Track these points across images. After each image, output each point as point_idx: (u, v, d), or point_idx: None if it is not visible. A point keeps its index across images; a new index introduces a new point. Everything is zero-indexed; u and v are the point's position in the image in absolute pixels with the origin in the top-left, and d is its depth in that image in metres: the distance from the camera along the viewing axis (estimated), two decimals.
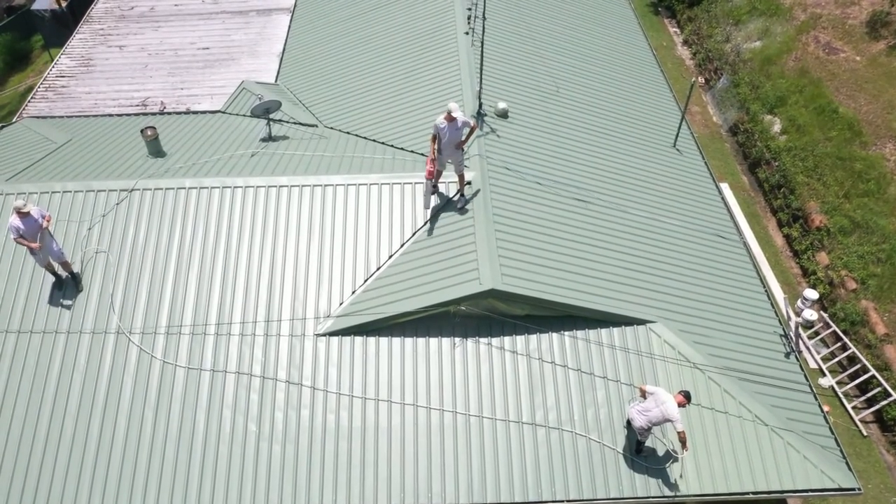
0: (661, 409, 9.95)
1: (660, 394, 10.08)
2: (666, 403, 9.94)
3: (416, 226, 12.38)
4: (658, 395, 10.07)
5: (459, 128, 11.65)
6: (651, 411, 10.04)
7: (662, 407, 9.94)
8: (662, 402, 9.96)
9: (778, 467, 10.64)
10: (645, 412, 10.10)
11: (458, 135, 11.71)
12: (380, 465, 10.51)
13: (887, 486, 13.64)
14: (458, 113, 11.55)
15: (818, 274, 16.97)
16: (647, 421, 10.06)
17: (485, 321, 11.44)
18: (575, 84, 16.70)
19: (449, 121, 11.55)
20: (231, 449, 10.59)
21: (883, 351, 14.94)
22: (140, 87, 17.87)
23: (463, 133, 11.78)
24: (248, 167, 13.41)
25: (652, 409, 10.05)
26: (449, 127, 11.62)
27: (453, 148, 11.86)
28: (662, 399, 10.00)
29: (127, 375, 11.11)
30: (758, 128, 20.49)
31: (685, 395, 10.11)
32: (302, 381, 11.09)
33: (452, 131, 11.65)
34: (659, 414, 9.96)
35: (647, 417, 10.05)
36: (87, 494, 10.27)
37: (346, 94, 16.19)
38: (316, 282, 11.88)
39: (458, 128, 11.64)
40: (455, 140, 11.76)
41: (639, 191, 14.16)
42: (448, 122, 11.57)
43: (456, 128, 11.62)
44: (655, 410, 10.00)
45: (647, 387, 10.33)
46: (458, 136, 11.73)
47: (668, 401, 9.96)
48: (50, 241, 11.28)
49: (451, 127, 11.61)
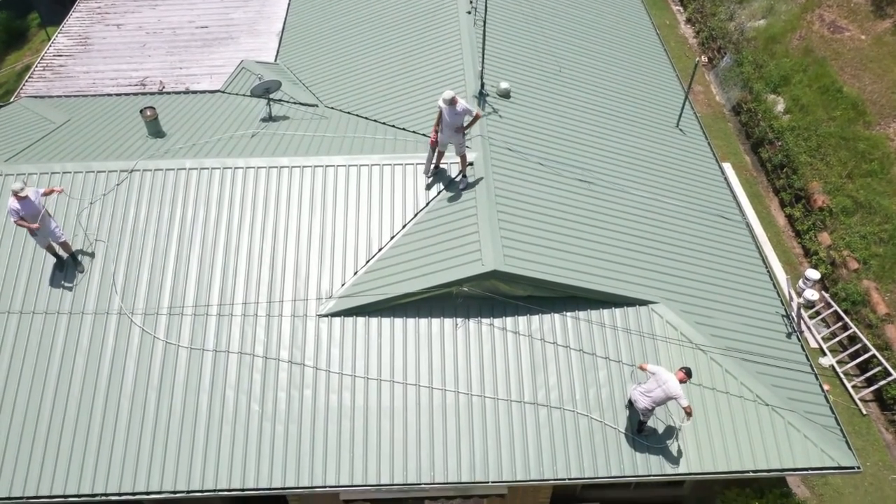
0: (663, 388, 10.00)
1: (661, 373, 10.12)
2: (668, 383, 9.99)
3: (418, 207, 12.35)
4: (659, 376, 10.11)
5: (459, 112, 11.61)
6: (653, 392, 10.09)
7: (665, 387, 9.99)
8: (664, 382, 10.01)
9: (778, 446, 10.69)
10: (648, 393, 10.14)
11: (458, 119, 11.68)
12: (382, 445, 10.56)
13: (885, 463, 13.74)
14: (460, 100, 11.53)
15: (820, 254, 16.97)
16: (650, 402, 10.11)
17: (487, 302, 11.44)
18: (578, 64, 16.56)
19: (449, 104, 11.51)
20: (234, 429, 10.64)
21: (884, 330, 14.97)
22: (138, 67, 17.71)
23: (463, 119, 11.72)
24: (249, 148, 13.33)
25: (654, 389, 10.09)
26: (449, 110, 11.59)
27: (452, 131, 11.82)
28: (664, 379, 10.04)
29: (129, 356, 11.13)
30: (761, 107, 20.37)
31: (686, 371, 10.19)
32: (304, 362, 11.12)
33: (452, 115, 11.63)
34: (662, 394, 10.01)
35: (651, 398, 10.09)
36: (92, 474, 10.33)
37: (346, 74, 16.06)
38: (318, 263, 11.87)
39: (458, 112, 11.61)
40: (454, 124, 11.72)
41: (641, 171, 14.10)
42: (448, 105, 11.54)
43: (455, 112, 11.60)
44: (658, 391, 10.05)
45: (649, 366, 10.37)
46: (457, 121, 11.69)
47: (669, 380, 10.01)
48: (49, 222, 11.25)
49: (451, 111, 11.59)
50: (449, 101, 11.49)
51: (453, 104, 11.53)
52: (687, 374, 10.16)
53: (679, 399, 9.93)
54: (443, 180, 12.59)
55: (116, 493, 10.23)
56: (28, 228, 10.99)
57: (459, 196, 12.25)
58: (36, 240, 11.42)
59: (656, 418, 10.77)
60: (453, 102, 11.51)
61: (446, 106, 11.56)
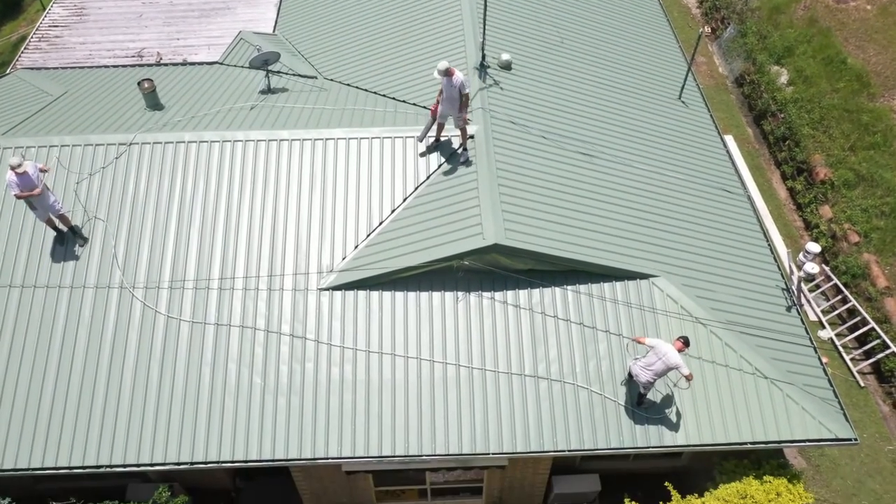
0: (663, 360, 10.07)
1: (660, 346, 10.18)
2: (668, 354, 10.06)
3: (419, 180, 12.30)
4: (658, 348, 10.16)
5: (454, 85, 11.54)
6: (654, 365, 10.15)
7: (665, 358, 10.06)
8: (664, 354, 10.07)
9: (777, 418, 10.78)
10: (649, 367, 10.20)
11: (453, 92, 11.60)
12: (383, 417, 10.64)
13: (882, 435, 13.88)
14: (457, 73, 11.47)
15: (821, 227, 16.95)
16: (652, 375, 10.17)
17: (488, 276, 11.45)
18: (580, 35, 16.37)
19: (444, 75, 11.45)
20: (236, 401, 10.71)
21: (883, 304, 15.02)
22: (135, 38, 17.50)
23: (458, 92, 11.61)
24: (248, 120, 13.23)
25: (655, 362, 10.15)
26: (445, 82, 11.56)
27: (450, 103, 11.76)
28: (664, 351, 10.10)
29: (132, 329, 11.17)
30: (764, 79, 20.19)
31: (683, 340, 10.29)
32: (306, 335, 11.16)
33: (448, 87, 11.59)
34: (662, 366, 10.08)
35: (652, 371, 10.15)
36: (96, 446, 10.43)
37: (345, 45, 15.88)
38: (318, 236, 11.85)
39: (453, 85, 11.54)
40: (451, 96, 11.66)
41: (643, 144, 14.01)
42: (444, 77, 11.49)
43: (451, 84, 11.54)
44: (658, 363, 10.11)
45: (647, 340, 10.42)
46: (453, 94, 11.62)
47: (669, 351, 10.08)
48: (47, 194, 11.21)
49: (448, 83, 11.55)
50: (444, 72, 11.43)
51: (449, 75, 11.47)
52: (685, 343, 10.26)
53: (680, 368, 10.02)
54: (443, 153, 12.52)
55: (121, 465, 10.34)
56: (29, 198, 10.94)
57: (460, 169, 12.19)
58: (36, 213, 11.40)
59: (656, 390, 10.84)
60: (448, 73, 11.45)
61: (443, 77, 11.51)
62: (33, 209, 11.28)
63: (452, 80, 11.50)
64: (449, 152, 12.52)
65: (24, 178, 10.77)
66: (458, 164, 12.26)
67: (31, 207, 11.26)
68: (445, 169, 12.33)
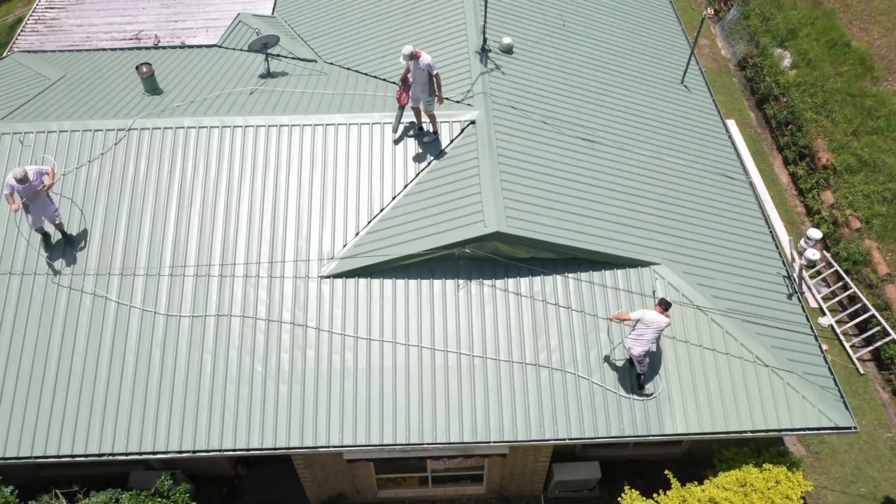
0: (653, 328, 10.31)
1: (645, 315, 10.40)
2: (655, 320, 10.32)
3: (420, 166, 12.22)
4: (644, 317, 10.39)
5: (422, 68, 11.46)
6: (645, 334, 10.34)
7: (654, 325, 10.31)
8: (652, 322, 10.33)
9: (777, 407, 10.81)
10: (640, 337, 10.36)
11: (422, 75, 11.53)
12: (385, 405, 10.66)
13: (881, 422, 13.93)
14: (424, 55, 11.39)
15: (822, 213, 16.89)
16: (645, 343, 10.33)
17: (489, 263, 11.42)
18: (581, 17, 16.19)
19: (410, 58, 11.38)
20: (238, 389, 10.72)
21: (884, 291, 15.01)
22: (133, 20, 17.31)
23: (427, 74, 11.52)
24: (248, 105, 13.12)
25: (644, 332, 10.34)
26: (413, 66, 11.51)
27: (420, 87, 11.71)
28: (650, 319, 10.34)
29: (132, 317, 11.14)
30: (767, 62, 20.02)
31: (662, 303, 10.48)
32: (307, 323, 11.14)
33: (416, 70, 11.54)
34: (653, 332, 10.31)
35: (645, 340, 10.33)
36: (98, 434, 10.45)
37: (345, 28, 15.70)
38: (319, 223, 11.80)
39: (421, 68, 11.47)
40: (421, 80, 11.59)
41: (645, 129, 13.92)
42: (412, 61, 11.43)
43: (419, 67, 11.48)
44: (648, 332, 10.32)
45: (631, 314, 10.57)
46: (421, 77, 11.55)
47: (655, 317, 10.34)
48: (46, 203, 11.00)
49: (415, 66, 11.50)
50: (410, 56, 11.35)
51: (415, 58, 11.39)
52: (665, 307, 10.45)
53: (670, 327, 10.48)
54: (443, 140, 12.42)
55: (123, 453, 10.37)
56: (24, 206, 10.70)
57: (461, 156, 12.11)
58: (29, 219, 11.09)
59: (658, 379, 10.86)
60: (415, 56, 11.38)
61: (409, 61, 11.45)
62: (27, 213, 11.00)
63: (419, 62, 11.43)
64: (449, 138, 12.42)
65: (27, 186, 10.58)
66: (459, 150, 12.17)
67: (26, 211, 10.98)
68: (446, 155, 12.24)
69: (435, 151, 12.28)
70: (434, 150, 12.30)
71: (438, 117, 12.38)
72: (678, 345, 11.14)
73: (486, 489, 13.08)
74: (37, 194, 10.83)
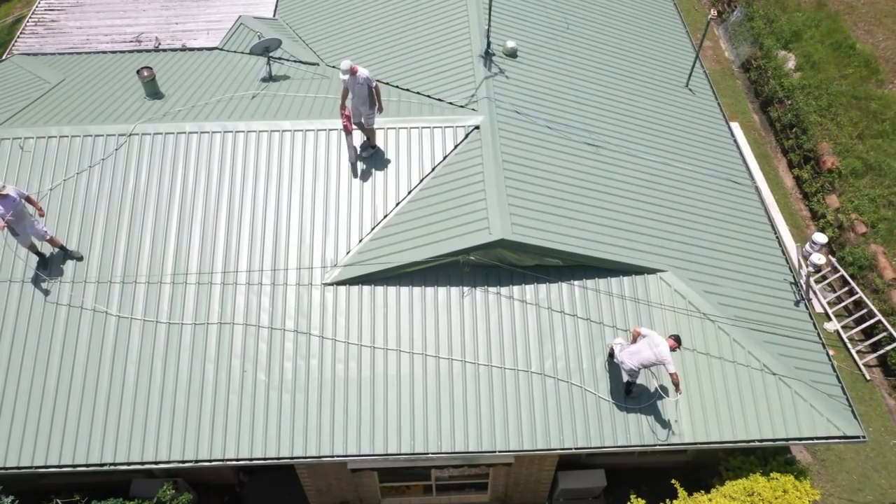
0: (654, 351, 9.95)
1: (653, 336, 10.06)
2: (660, 346, 9.94)
3: (424, 173, 12.11)
4: (651, 338, 10.04)
5: (360, 83, 11.41)
6: (642, 353, 10.01)
7: (656, 350, 9.94)
8: (656, 345, 9.95)
9: (784, 416, 10.71)
10: (635, 354, 10.07)
11: (361, 89, 11.47)
12: (389, 414, 10.56)
13: (888, 429, 13.84)
14: (361, 69, 11.35)
15: (828, 217, 16.79)
16: (638, 362, 10.03)
17: (494, 270, 11.31)
18: (585, 19, 16.08)
19: (349, 74, 11.32)
20: (241, 398, 10.61)
21: (890, 296, 14.91)
22: (133, 22, 17.19)
23: (367, 88, 11.47)
24: (250, 110, 13.00)
25: (644, 350, 10.02)
26: (351, 80, 11.45)
27: (360, 103, 11.66)
28: (656, 342, 9.98)
29: (134, 325, 11.03)
30: (771, 64, 19.92)
31: (676, 338, 10.17)
32: (310, 331, 11.04)
33: (355, 85, 11.47)
34: (652, 356, 9.95)
35: (639, 359, 10.02)
36: (100, 443, 10.34)
37: (347, 31, 15.58)
38: (322, 230, 11.69)
39: (360, 82, 11.42)
40: (361, 95, 11.54)
41: (650, 134, 13.81)
42: (350, 76, 11.37)
43: (358, 82, 11.42)
44: (648, 352, 9.98)
45: (641, 329, 10.31)
46: (361, 91, 11.49)
47: (661, 343, 9.97)
48: (31, 222, 10.80)
49: (353, 81, 11.44)
50: (348, 71, 11.29)
51: (353, 74, 11.34)
52: (677, 342, 10.15)
53: (667, 365, 9.91)
54: (447, 145, 12.31)
55: (125, 463, 10.26)
56: (10, 228, 10.48)
57: (466, 162, 12.00)
58: (18, 240, 10.94)
59: (660, 389, 10.76)
60: (353, 72, 11.31)
61: (348, 77, 11.38)
62: (15, 235, 10.80)
63: (358, 77, 11.38)
64: (453, 144, 12.31)
65: (7, 201, 10.21)
66: (463, 157, 12.06)
67: (13, 234, 10.77)
68: (451, 161, 12.13)
69: (378, 165, 12.15)
70: (376, 164, 12.16)
71: (441, 122, 12.29)
72: (685, 353, 11.02)
73: (490, 497, 12.99)
74: (22, 214, 10.60)
